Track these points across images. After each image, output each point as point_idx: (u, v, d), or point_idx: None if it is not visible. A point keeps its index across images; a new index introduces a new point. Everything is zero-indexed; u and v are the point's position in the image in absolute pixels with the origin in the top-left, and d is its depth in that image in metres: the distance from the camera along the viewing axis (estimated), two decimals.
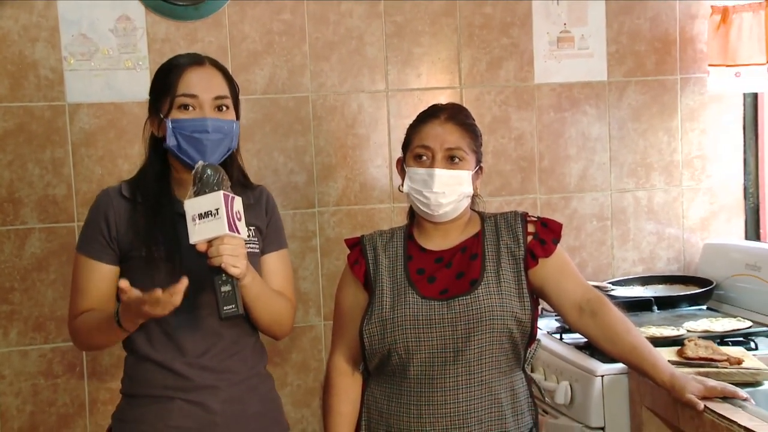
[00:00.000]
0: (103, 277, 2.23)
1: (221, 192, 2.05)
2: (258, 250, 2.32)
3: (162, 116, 2.21)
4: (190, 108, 2.21)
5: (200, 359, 2.24)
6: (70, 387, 3.20)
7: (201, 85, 2.22)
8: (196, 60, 2.27)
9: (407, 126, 3.22)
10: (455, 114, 2.35)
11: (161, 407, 2.22)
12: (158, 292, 1.98)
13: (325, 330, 3.33)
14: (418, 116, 2.39)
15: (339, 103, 3.35)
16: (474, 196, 2.40)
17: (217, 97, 2.24)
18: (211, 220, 2.04)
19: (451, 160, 2.29)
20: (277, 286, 2.36)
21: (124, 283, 2.04)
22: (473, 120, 2.38)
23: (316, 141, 3.34)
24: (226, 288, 2.06)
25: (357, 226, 3.32)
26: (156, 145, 2.28)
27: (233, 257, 2.06)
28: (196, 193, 2.07)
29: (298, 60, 3.31)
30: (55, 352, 3.17)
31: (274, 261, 2.38)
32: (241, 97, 3.19)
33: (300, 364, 3.37)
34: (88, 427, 3.20)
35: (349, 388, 2.38)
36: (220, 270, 2.05)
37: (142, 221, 2.21)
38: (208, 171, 2.08)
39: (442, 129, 2.31)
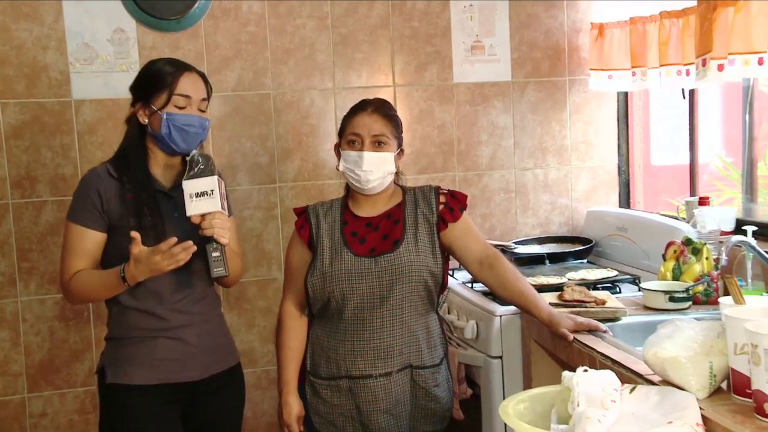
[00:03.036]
0: (93, 243, 2.22)
1: (216, 177, 2.13)
2: None
3: (156, 108, 2.22)
4: (183, 106, 2.24)
5: (176, 305, 2.27)
6: (79, 328, 3.26)
7: (193, 87, 2.26)
8: (187, 67, 2.29)
9: None
10: (380, 107, 2.38)
11: (148, 345, 2.25)
12: (173, 240, 2.05)
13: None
14: (350, 109, 2.41)
15: (295, 99, 3.41)
16: (397, 173, 2.45)
17: (203, 99, 2.29)
18: (207, 198, 2.12)
19: (377, 144, 2.33)
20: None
21: (136, 234, 2.09)
22: (395, 112, 2.42)
23: (277, 129, 3.39)
24: (216, 254, 2.14)
25: (311, 198, 3.36)
26: (139, 130, 2.27)
27: (222, 229, 2.15)
28: (192, 176, 2.12)
29: (261, 64, 3.36)
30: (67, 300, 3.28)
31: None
32: (214, 94, 3.31)
33: (265, 309, 3.45)
34: (95, 360, 3.25)
35: (297, 328, 2.44)
36: (211, 239, 2.13)
37: (129, 196, 2.21)
38: (201, 158, 2.16)
39: (369, 119, 2.34)
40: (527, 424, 1.61)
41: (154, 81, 2.26)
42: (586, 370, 1.69)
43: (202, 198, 2.12)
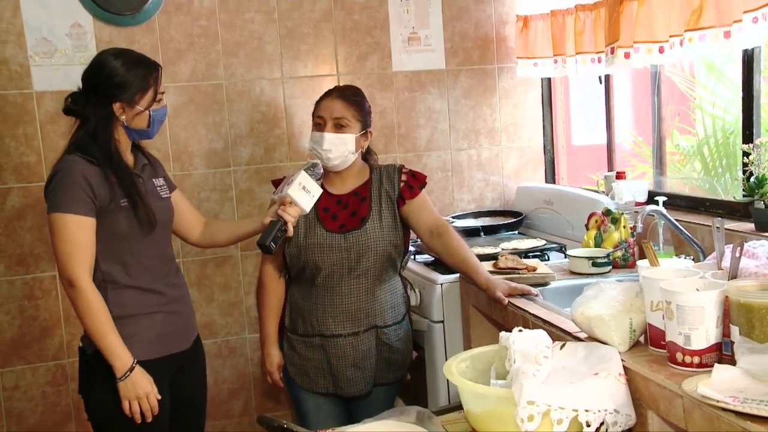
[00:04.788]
0: (92, 230, 2.06)
1: (321, 189, 2.26)
2: (169, 194, 2.32)
3: (142, 108, 2.13)
4: (160, 100, 2.18)
5: (166, 278, 2.23)
6: (48, 306, 3.20)
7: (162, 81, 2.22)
8: (157, 62, 2.21)
9: (299, 104, 3.34)
10: (343, 92, 2.43)
11: (150, 320, 2.17)
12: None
13: (241, 258, 3.40)
14: (321, 95, 2.46)
15: (246, 88, 3.36)
16: (371, 152, 2.53)
17: None
18: (307, 196, 2.20)
19: (338, 126, 2.37)
20: (191, 210, 2.43)
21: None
22: (360, 97, 2.45)
23: (230, 117, 3.35)
24: (279, 235, 2.16)
25: (263, 180, 3.37)
26: (104, 120, 2.12)
27: (294, 222, 2.20)
28: (311, 175, 2.23)
29: (213, 56, 3.31)
30: (35, 280, 3.18)
31: (179, 195, 2.40)
32: (169, 84, 3.30)
33: (223, 285, 3.43)
34: (64, 336, 3.22)
35: (276, 289, 2.51)
36: (282, 222, 2.17)
37: (114, 179, 2.09)
38: (320, 167, 2.28)
39: (332, 103, 2.39)
40: (469, 381, 1.64)
41: (144, 83, 2.14)
42: (521, 330, 1.72)
43: (304, 192, 2.20)
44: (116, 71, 2.12)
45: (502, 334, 1.74)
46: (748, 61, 2.46)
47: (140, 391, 2.06)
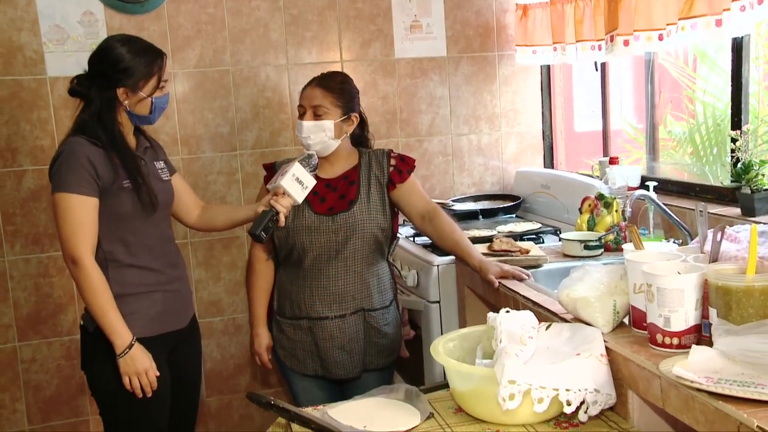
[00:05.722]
0: (94, 210, 2.06)
1: (314, 181, 2.21)
2: (170, 177, 2.32)
3: (145, 95, 2.14)
4: (163, 87, 2.18)
5: (166, 258, 2.23)
6: (62, 284, 3.22)
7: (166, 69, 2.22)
8: (162, 50, 2.20)
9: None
10: (323, 80, 2.38)
11: (150, 299, 2.17)
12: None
13: (247, 239, 3.37)
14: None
15: (252, 74, 3.35)
16: (365, 137, 2.49)
17: None
18: (300, 187, 2.17)
19: (316, 114, 2.33)
20: (190, 194, 2.41)
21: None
22: (340, 83, 2.39)
23: (236, 102, 3.34)
24: (270, 224, 2.14)
25: None
26: (108, 103, 2.13)
27: (286, 210, 2.16)
28: (305, 166, 2.19)
29: (220, 43, 3.29)
30: (50, 259, 3.20)
31: (179, 179, 2.39)
32: (177, 70, 3.30)
33: (230, 264, 3.44)
34: (77, 312, 3.24)
35: (264, 270, 2.49)
36: (274, 212, 2.14)
37: (117, 161, 2.10)
38: (315, 159, 2.25)
39: (311, 92, 2.36)
40: (454, 360, 1.64)
41: (148, 70, 2.14)
42: (508, 311, 1.72)
43: (298, 183, 2.17)
44: (122, 57, 2.12)
45: (490, 314, 1.74)
46: (738, 49, 2.43)
47: (139, 367, 2.07)
